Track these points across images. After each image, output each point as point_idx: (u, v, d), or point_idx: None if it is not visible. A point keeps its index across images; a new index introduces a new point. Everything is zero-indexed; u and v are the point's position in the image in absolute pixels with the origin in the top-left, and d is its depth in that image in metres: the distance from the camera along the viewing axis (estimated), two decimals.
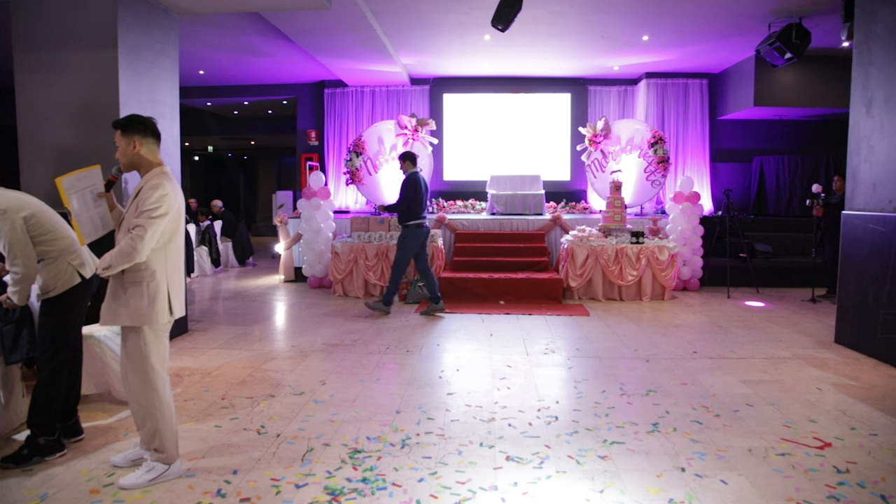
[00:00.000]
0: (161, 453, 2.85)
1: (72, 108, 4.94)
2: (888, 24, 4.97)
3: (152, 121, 2.89)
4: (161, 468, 2.84)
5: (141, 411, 2.84)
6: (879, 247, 5.02)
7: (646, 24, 7.68)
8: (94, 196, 2.96)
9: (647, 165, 9.62)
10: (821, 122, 10.55)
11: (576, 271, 7.72)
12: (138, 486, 2.79)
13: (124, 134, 2.82)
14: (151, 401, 2.81)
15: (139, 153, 2.83)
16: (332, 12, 6.43)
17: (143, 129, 2.83)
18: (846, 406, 3.90)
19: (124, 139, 2.82)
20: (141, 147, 2.83)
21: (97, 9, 4.86)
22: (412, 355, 5.13)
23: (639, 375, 4.57)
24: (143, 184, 2.80)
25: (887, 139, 4.99)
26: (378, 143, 9.89)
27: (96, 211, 2.98)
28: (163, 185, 2.76)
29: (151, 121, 2.89)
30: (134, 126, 2.82)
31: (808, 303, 7.39)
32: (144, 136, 2.83)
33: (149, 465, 2.85)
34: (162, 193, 2.74)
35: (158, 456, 2.85)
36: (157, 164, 2.86)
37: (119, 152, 2.85)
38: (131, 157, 2.83)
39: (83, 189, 2.92)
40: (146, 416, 2.83)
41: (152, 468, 2.84)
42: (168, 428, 2.86)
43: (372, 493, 2.77)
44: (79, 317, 3.34)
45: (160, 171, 2.84)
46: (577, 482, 2.87)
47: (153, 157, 2.86)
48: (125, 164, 2.87)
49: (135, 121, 2.84)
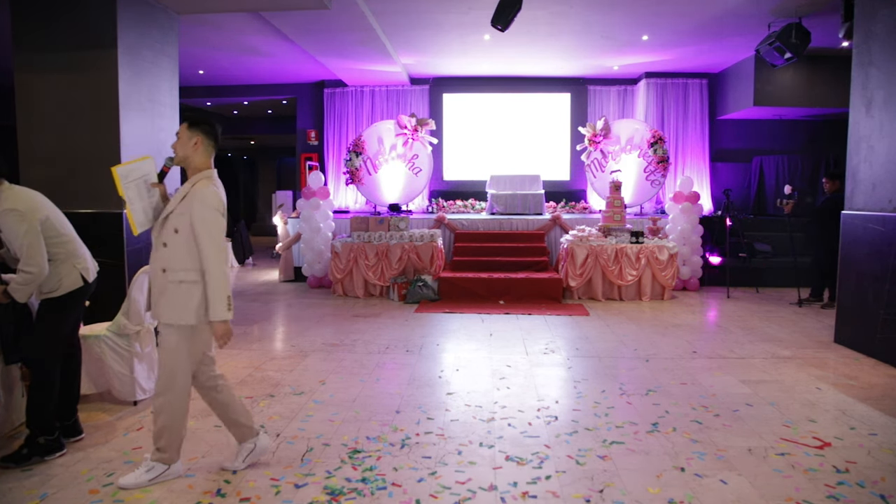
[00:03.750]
0: (163, 453, 2.85)
1: (72, 108, 4.94)
2: (888, 24, 4.97)
3: (218, 127, 2.94)
4: (161, 468, 2.84)
5: (157, 404, 2.84)
6: (879, 247, 5.02)
7: (646, 24, 7.67)
8: (147, 186, 2.99)
9: (647, 165, 9.62)
10: (821, 122, 10.54)
11: (575, 271, 7.72)
12: (138, 486, 2.79)
13: (190, 128, 2.85)
14: (168, 397, 2.81)
15: (196, 151, 2.86)
16: (332, 12, 6.42)
17: (208, 131, 2.87)
18: (846, 406, 3.91)
19: (188, 133, 2.85)
20: (200, 146, 2.86)
21: (97, 9, 4.86)
22: (412, 355, 5.13)
23: (638, 375, 4.57)
24: (191, 184, 2.82)
25: (887, 139, 4.99)
26: (378, 143, 9.89)
27: (149, 200, 3.01)
28: (214, 188, 2.81)
29: (218, 127, 2.94)
30: (201, 125, 2.86)
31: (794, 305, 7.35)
32: (207, 137, 2.87)
33: (148, 464, 2.85)
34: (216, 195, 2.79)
35: (160, 455, 2.85)
36: (206, 167, 2.89)
37: (178, 143, 2.87)
38: (188, 151, 2.86)
39: (137, 178, 2.94)
40: (161, 410, 2.83)
41: (152, 468, 2.84)
42: (176, 429, 2.85)
43: (371, 493, 2.77)
44: (77, 318, 3.35)
45: (209, 174, 2.87)
46: (577, 482, 2.87)
47: (206, 159, 2.89)
48: (179, 157, 2.89)
49: (204, 120, 2.88)
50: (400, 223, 8.28)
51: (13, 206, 2.98)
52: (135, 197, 2.90)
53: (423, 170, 9.89)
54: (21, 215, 2.97)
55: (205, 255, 2.73)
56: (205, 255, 2.73)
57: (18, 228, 2.96)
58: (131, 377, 3.85)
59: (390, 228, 8.24)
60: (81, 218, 4.28)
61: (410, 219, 8.82)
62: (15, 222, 2.96)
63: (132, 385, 3.86)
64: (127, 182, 2.86)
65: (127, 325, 3.81)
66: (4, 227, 2.98)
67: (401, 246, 7.88)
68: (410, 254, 7.86)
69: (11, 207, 2.97)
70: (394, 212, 9.30)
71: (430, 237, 8.05)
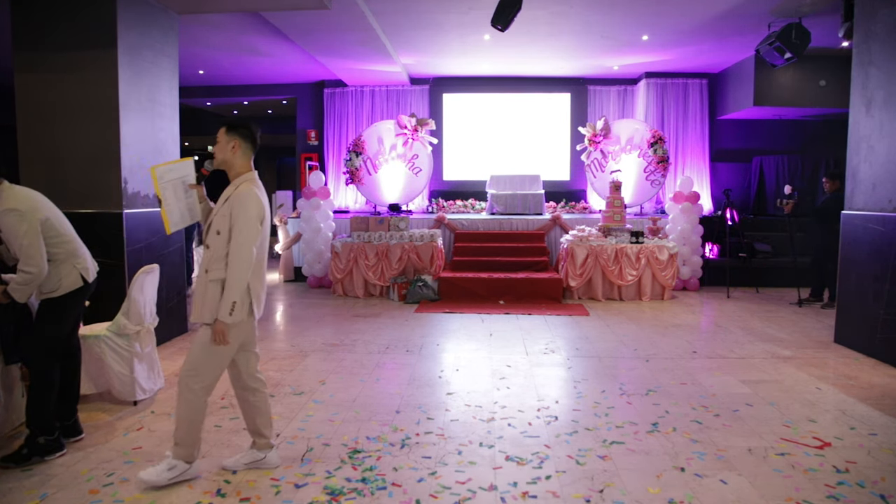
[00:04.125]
0: (181, 448, 2.85)
1: (72, 108, 4.94)
2: (888, 24, 4.97)
3: (257, 130, 2.95)
4: (182, 466, 2.85)
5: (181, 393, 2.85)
6: (879, 247, 5.02)
7: (646, 23, 7.67)
8: (185, 187, 3.02)
9: (647, 165, 9.62)
10: (821, 122, 10.54)
11: (575, 271, 7.72)
12: (159, 482, 2.79)
13: (228, 133, 2.87)
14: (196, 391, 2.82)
15: (235, 155, 2.88)
16: (332, 12, 6.42)
17: (245, 135, 2.89)
18: (846, 406, 3.91)
19: (226, 137, 2.87)
20: (238, 150, 2.88)
21: (97, 9, 4.86)
22: (412, 355, 5.13)
23: (638, 375, 4.57)
24: (233, 188, 2.84)
25: (887, 139, 4.99)
26: (378, 143, 9.89)
27: (186, 201, 3.03)
28: (254, 191, 2.82)
29: (256, 130, 2.95)
30: (239, 129, 2.88)
31: (794, 305, 7.36)
32: (244, 140, 2.89)
33: (171, 462, 2.86)
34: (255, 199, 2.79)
35: (178, 451, 2.86)
36: (247, 170, 2.91)
37: (217, 148, 2.90)
38: (227, 155, 2.88)
39: (175, 179, 2.97)
40: (184, 401, 2.84)
41: (174, 466, 2.85)
42: (195, 423, 2.85)
43: (371, 493, 2.77)
44: (77, 318, 3.35)
45: (250, 176, 2.89)
46: (577, 482, 2.87)
47: (245, 162, 2.91)
48: (218, 161, 2.92)
49: (241, 124, 2.90)
50: (400, 223, 8.28)
51: (13, 206, 2.98)
52: (171, 197, 2.94)
53: (423, 170, 9.89)
54: (21, 215, 2.98)
55: (230, 258, 2.75)
56: (230, 257, 2.75)
57: (18, 228, 2.96)
58: (131, 377, 3.85)
59: (390, 228, 8.24)
60: (81, 218, 4.28)
61: (410, 219, 8.82)
62: (15, 222, 2.96)
63: (132, 385, 3.85)
64: (164, 182, 2.90)
65: (127, 325, 3.81)
66: (4, 227, 2.98)
67: (401, 246, 7.89)
68: (410, 254, 7.86)
69: (12, 207, 2.97)
70: (394, 212, 9.30)
71: (430, 237, 8.05)
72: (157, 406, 3.90)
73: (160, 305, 4.33)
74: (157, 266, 4.02)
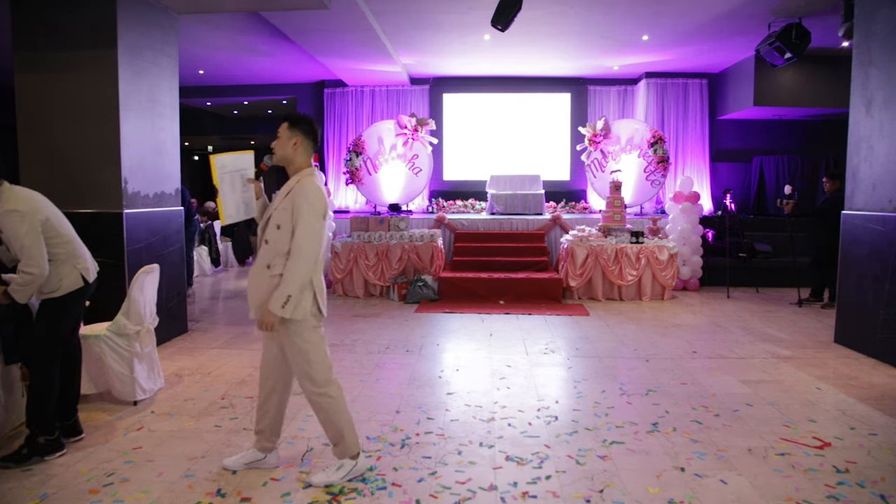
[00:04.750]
0: (338, 446, 2.87)
1: (72, 108, 4.94)
2: (888, 24, 4.97)
3: (317, 127, 2.95)
4: (350, 464, 2.87)
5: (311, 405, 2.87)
6: (879, 247, 5.02)
7: (646, 24, 7.67)
8: (243, 180, 3.01)
9: (647, 165, 9.62)
10: (821, 122, 10.54)
11: (575, 271, 7.72)
12: (332, 484, 2.80)
13: (290, 128, 2.86)
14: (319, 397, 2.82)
15: (296, 151, 2.87)
16: (332, 12, 6.42)
17: (307, 131, 2.88)
18: (846, 406, 3.91)
19: (288, 133, 2.86)
20: (299, 146, 2.87)
21: (97, 9, 4.85)
22: (412, 355, 5.13)
23: (638, 375, 4.57)
24: (293, 184, 2.82)
25: (887, 139, 4.99)
26: (378, 143, 9.90)
27: (242, 195, 3.03)
28: (316, 186, 2.80)
29: (317, 127, 2.95)
30: (301, 125, 2.87)
31: (794, 305, 7.36)
32: (306, 137, 2.88)
33: (337, 462, 2.88)
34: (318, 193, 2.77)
35: (338, 450, 2.87)
36: (307, 166, 2.90)
37: (277, 143, 2.89)
38: (287, 151, 2.87)
39: (234, 171, 2.98)
40: (316, 409, 2.86)
41: (341, 465, 2.87)
42: (342, 418, 2.85)
43: (372, 493, 2.77)
44: (77, 318, 3.35)
45: (310, 171, 2.88)
46: (577, 482, 2.87)
47: (305, 158, 2.91)
48: (279, 156, 2.90)
49: (304, 120, 2.89)
50: (400, 223, 8.28)
51: (14, 207, 2.97)
52: (227, 189, 2.94)
53: (423, 170, 9.89)
54: (22, 216, 2.97)
55: (293, 251, 2.71)
56: (293, 250, 2.71)
57: (19, 229, 2.96)
58: (131, 377, 3.85)
59: (390, 228, 8.24)
60: (81, 218, 4.29)
61: (410, 219, 8.82)
62: (16, 223, 2.96)
63: (132, 385, 3.85)
64: (222, 173, 2.91)
65: (127, 325, 3.81)
66: (5, 227, 2.98)
67: (401, 246, 7.89)
68: (410, 254, 7.86)
69: (12, 208, 2.97)
70: (394, 212, 9.30)
71: (430, 237, 8.04)
72: (157, 406, 3.90)
73: (160, 305, 4.32)
74: (157, 266, 4.02)
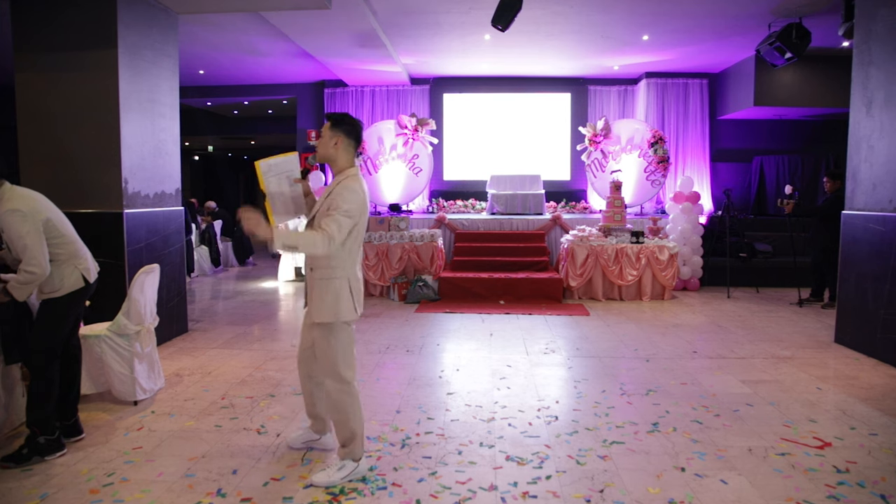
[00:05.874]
0: (346, 448, 2.89)
1: (72, 108, 4.94)
2: (888, 24, 4.97)
3: (360, 126, 2.97)
4: (351, 465, 2.89)
5: (330, 403, 2.89)
6: (879, 247, 5.02)
7: (646, 23, 7.67)
8: (289, 181, 3.03)
9: (647, 165, 9.62)
10: (821, 122, 10.54)
11: (576, 271, 7.72)
12: (332, 484, 2.82)
13: (332, 128, 2.89)
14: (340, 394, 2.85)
15: (337, 150, 2.89)
16: (332, 12, 6.42)
17: (349, 131, 2.90)
18: (846, 406, 3.91)
19: (330, 133, 2.89)
20: (341, 146, 2.89)
21: (97, 9, 4.85)
22: (412, 355, 5.13)
23: (639, 375, 4.57)
24: (336, 183, 2.85)
25: (887, 139, 4.99)
26: (378, 143, 9.90)
27: (290, 195, 3.05)
28: (356, 186, 2.82)
29: (360, 126, 2.96)
30: (343, 125, 2.89)
31: (794, 305, 7.36)
32: (348, 136, 2.90)
33: (339, 462, 2.90)
34: (355, 195, 2.79)
35: (345, 451, 2.90)
36: (349, 166, 2.92)
37: (320, 143, 2.92)
38: (329, 150, 2.90)
39: (280, 173, 3.00)
40: (334, 408, 2.88)
41: (343, 466, 2.88)
42: (357, 420, 2.89)
43: (372, 492, 2.77)
44: (77, 318, 3.35)
45: (353, 171, 2.90)
46: (578, 482, 2.87)
47: (348, 158, 2.92)
48: (321, 156, 2.94)
49: (346, 120, 2.91)
50: (400, 223, 8.28)
51: (16, 207, 2.98)
52: (275, 190, 2.97)
53: (423, 170, 9.89)
54: (23, 216, 2.97)
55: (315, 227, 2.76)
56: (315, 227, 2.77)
57: (21, 229, 2.96)
58: (131, 377, 3.85)
59: (390, 228, 8.24)
60: (81, 218, 4.28)
61: (411, 219, 8.82)
62: (17, 223, 2.96)
63: (132, 385, 3.86)
64: (268, 176, 2.94)
65: (127, 325, 3.81)
66: (6, 227, 2.98)
67: (401, 246, 7.88)
68: (411, 254, 7.86)
69: (14, 208, 2.97)
70: (394, 212, 9.30)
71: (430, 237, 8.05)
72: (158, 406, 3.90)
73: (160, 305, 4.32)
74: (157, 266, 4.02)
